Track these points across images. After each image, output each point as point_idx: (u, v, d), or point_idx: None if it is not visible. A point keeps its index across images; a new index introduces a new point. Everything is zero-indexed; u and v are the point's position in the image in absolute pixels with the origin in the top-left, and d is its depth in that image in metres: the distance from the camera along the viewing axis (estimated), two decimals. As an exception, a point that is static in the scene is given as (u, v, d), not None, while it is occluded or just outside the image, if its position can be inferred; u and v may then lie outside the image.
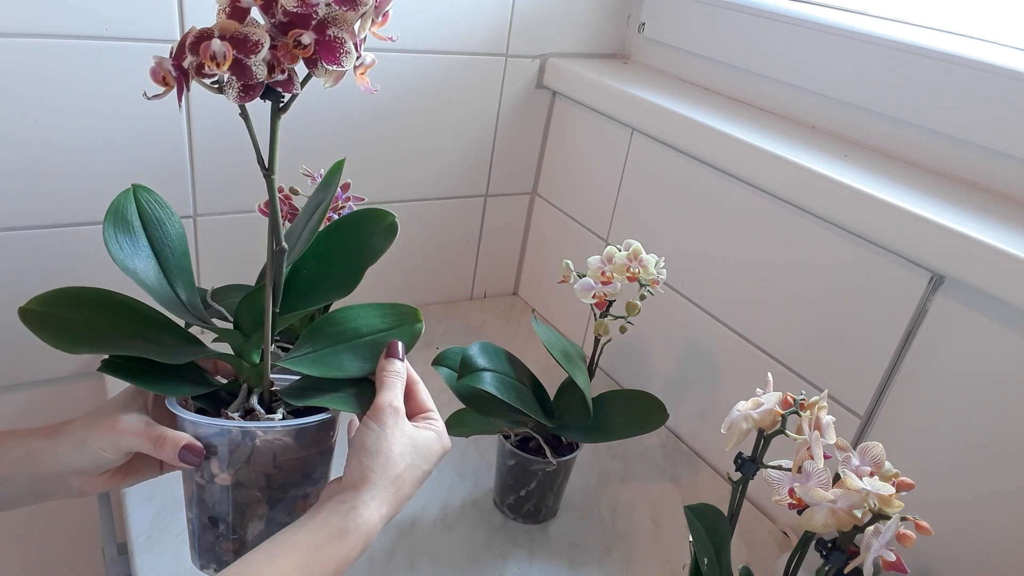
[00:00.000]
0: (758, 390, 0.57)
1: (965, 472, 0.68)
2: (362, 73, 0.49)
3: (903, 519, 0.49)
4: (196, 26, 0.45)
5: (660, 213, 0.98)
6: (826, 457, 0.51)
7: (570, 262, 0.77)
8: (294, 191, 0.80)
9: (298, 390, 0.58)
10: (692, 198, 0.93)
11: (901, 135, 0.81)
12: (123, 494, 0.77)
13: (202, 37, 0.43)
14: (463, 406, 0.75)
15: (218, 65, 0.43)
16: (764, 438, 0.55)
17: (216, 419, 0.55)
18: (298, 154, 0.94)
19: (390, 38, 0.48)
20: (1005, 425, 0.65)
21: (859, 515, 0.49)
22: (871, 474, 0.51)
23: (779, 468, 0.54)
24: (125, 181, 0.61)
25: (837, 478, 0.51)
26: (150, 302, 0.58)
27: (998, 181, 0.74)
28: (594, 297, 0.75)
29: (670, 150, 0.95)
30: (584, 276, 0.76)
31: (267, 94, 0.47)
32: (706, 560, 0.56)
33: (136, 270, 0.57)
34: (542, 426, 0.77)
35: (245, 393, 0.59)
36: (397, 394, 0.56)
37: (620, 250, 0.75)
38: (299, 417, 0.57)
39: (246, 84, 0.44)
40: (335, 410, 0.59)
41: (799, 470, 0.52)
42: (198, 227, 0.97)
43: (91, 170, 0.88)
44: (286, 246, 0.55)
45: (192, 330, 0.61)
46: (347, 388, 0.58)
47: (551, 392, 0.80)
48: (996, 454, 0.66)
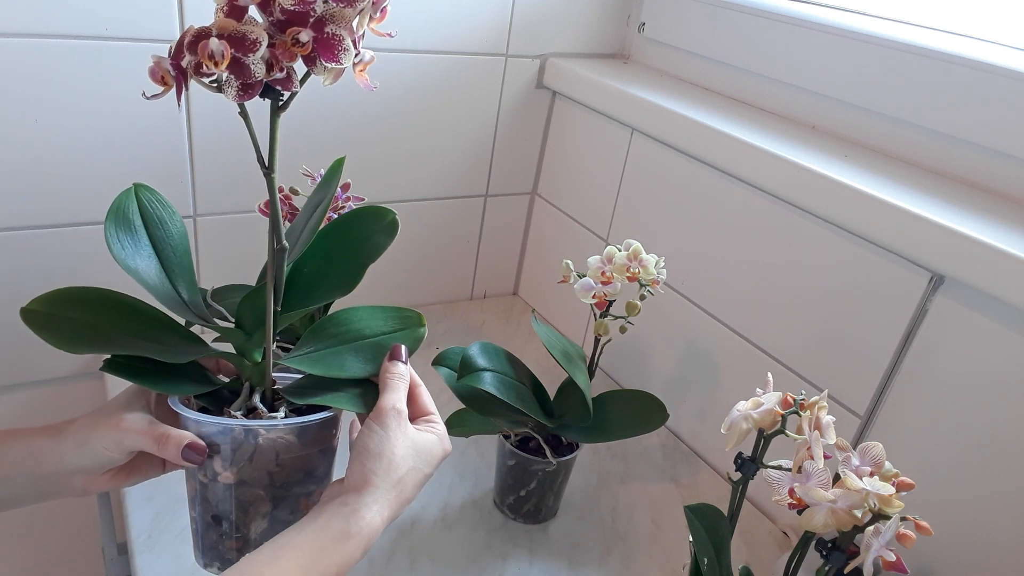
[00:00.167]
0: (758, 390, 0.57)
1: (965, 472, 0.68)
2: (361, 70, 0.49)
3: (903, 519, 0.49)
4: (194, 25, 0.45)
5: (660, 213, 0.98)
6: (826, 457, 0.51)
7: (570, 262, 0.77)
8: (294, 191, 0.80)
9: (300, 388, 0.58)
10: (692, 198, 0.93)
11: (901, 135, 0.81)
12: (123, 494, 0.77)
13: (200, 36, 0.43)
14: (463, 406, 0.75)
15: (216, 64, 0.43)
16: (764, 438, 0.55)
17: (219, 418, 0.55)
18: (298, 154, 0.94)
19: (388, 34, 0.48)
20: (1005, 425, 0.65)
21: (859, 515, 0.49)
22: (871, 474, 0.51)
23: (779, 468, 0.54)
24: (125, 181, 0.61)
25: (837, 478, 0.51)
26: (152, 301, 0.58)
27: (998, 181, 0.74)
28: (594, 297, 0.75)
29: (670, 150, 0.95)
30: (584, 276, 0.76)
31: (266, 92, 0.47)
32: (706, 560, 0.56)
33: (138, 269, 0.57)
34: (542, 426, 0.77)
35: (247, 392, 0.59)
36: (400, 397, 0.56)
37: (620, 250, 0.75)
38: (301, 416, 0.57)
39: (245, 83, 0.44)
40: (337, 409, 0.59)
41: (799, 470, 0.52)
42: (198, 227, 0.97)
43: (91, 170, 0.88)
44: (287, 245, 0.55)
45: (193, 329, 0.61)
46: (350, 387, 0.58)
47: (551, 392, 0.80)
48: (996, 454, 0.66)
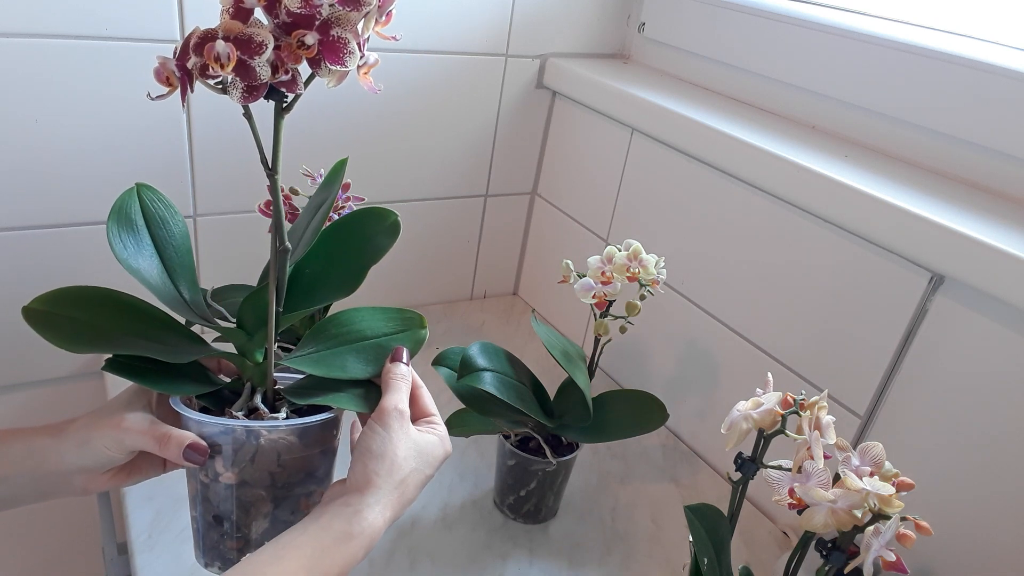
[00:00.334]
0: (758, 390, 0.57)
1: (965, 472, 0.68)
2: (365, 73, 0.49)
3: (903, 519, 0.49)
4: (200, 27, 0.45)
5: (660, 213, 0.98)
6: (826, 457, 0.51)
7: (570, 262, 0.77)
8: (294, 191, 0.80)
9: (302, 389, 0.58)
10: (692, 198, 0.93)
11: (901, 135, 0.82)
12: (123, 494, 0.77)
13: (206, 38, 0.43)
14: (463, 406, 0.75)
15: (222, 67, 0.43)
16: (764, 438, 0.56)
17: (221, 418, 0.55)
18: (297, 154, 0.94)
19: (394, 37, 0.49)
20: (1005, 425, 0.65)
21: (859, 515, 0.49)
22: (871, 474, 0.51)
23: (779, 468, 0.54)
24: (125, 181, 0.61)
25: (837, 478, 0.51)
26: (153, 301, 0.58)
27: (998, 181, 0.74)
28: (594, 297, 0.75)
29: (670, 150, 0.95)
30: (584, 276, 0.76)
31: (271, 94, 0.47)
32: (706, 560, 0.56)
33: (140, 269, 0.57)
34: (542, 426, 0.78)
35: (249, 392, 0.59)
36: (403, 397, 0.56)
37: (620, 250, 0.75)
38: (302, 416, 0.57)
39: (250, 85, 0.44)
40: (339, 409, 0.59)
41: (799, 470, 0.52)
42: (198, 227, 0.97)
43: (91, 170, 0.88)
44: (290, 246, 0.55)
45: (195, 329, 0.61)
46: (351, 388, 0.58)
47: (551, 392, 0.80)
48: (996, 454, 0.66)
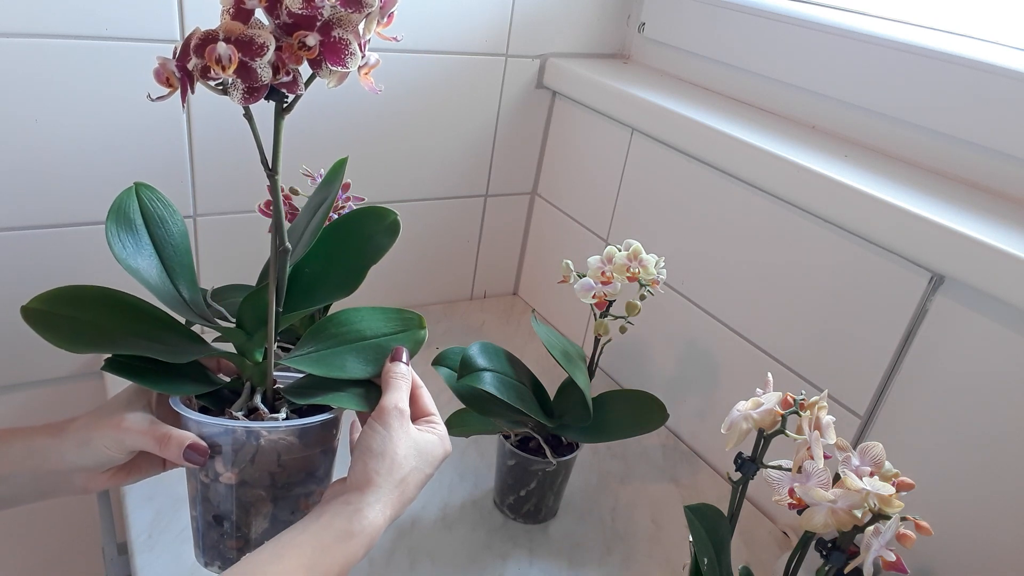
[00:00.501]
0: (758, 390, 0.57)
1: (965, 472, 0.68)
2: (366, 73, 0.49)
3: (903, 519, 0.49)
4: (200, 27, 0.45)
5: (660, 213, 0.98)
6: (826, 457, 0.51)
7: (570, 262, 0.77)
8: (294, 191, 0.80)
9: (302, 388, 0.58)
10: (692, 198, 0.93)
11: (901, 135, 0.82)
12: (123, 493, 0.77)
13: (207, 40, 0.43)
14: (463, 406, 0.75)
15: (224, 69, 0.43)
16: (764, 438, 0.56)
17: (221, 418, 0.55)
18: (297, 154, 0.94)
19: (395, 38, 0.49)
20: (1005, 425, 0.65)
21: (859, 515, 0.49)
22: (871, 474, 0.51)
23: (779, 468, 0.54)
24: (125, 181, 0.61)
25: (837, 478, 0.51)
26: (153, 301, 0.58)
27: (998, 181, 0.74)
28: (594, 297, 0.75)
29: (670, 150, 0.95)
30: (584, 276, 0.76)
31: (271, 95, 0.47)
32: (706, 560, 0.56)
33: (139, 269, 0.57)
34: (542, 426, 0.78)
35: (248, 392, 0.59)
36: (403, 397, 0.56)
37: (620, 250, 0.75)
38: (302, 416, 0.57)
39: (251, 86, 0.44)
40: (339, 409, 0.59)
41: (799, 470, 0.52)
42: (198, 227, 0.97)
43: (91, 170, 0.87)
44: (290, 246, 0.55)
45: (194, 329, 0.61)
46: (351, 387, 0.58)
47: (551, 392, 0.80)
48: (996, 454, 0.66)
